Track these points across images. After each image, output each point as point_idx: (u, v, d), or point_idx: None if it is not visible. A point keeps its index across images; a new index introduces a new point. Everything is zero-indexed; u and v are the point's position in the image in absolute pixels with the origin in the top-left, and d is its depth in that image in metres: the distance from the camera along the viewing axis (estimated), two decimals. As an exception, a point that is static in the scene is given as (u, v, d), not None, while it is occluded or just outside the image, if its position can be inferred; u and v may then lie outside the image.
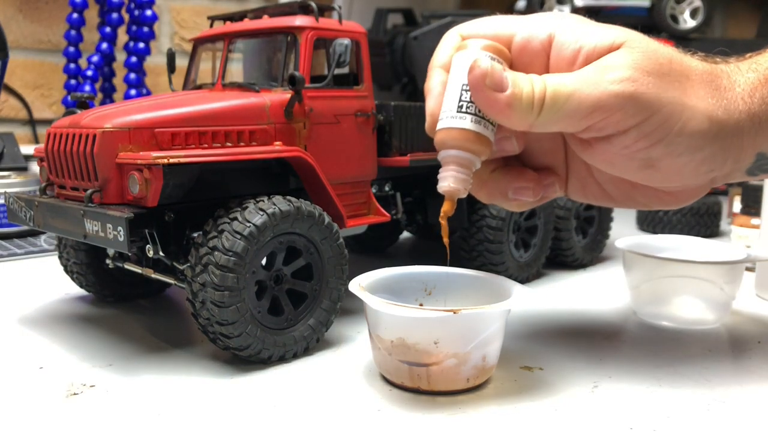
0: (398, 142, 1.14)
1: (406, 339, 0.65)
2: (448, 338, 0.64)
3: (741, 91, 0.69)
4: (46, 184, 1.02)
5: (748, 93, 0.69)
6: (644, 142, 0.67)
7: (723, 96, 0.69)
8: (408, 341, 0.65)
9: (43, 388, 0.80)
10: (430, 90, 0.77)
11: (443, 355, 0.64)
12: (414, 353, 0.65)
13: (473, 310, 0.64)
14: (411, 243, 1.67)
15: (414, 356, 0.66)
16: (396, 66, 1.55)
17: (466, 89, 0.66)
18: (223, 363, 0.88)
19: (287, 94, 1.00)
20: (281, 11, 1.12)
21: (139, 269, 1.02)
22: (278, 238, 0.87)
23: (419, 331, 0.65)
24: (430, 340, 0.64)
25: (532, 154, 0.82)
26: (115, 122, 0.89)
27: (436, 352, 0.64)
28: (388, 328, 0.67)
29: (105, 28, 2.11)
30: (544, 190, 0.80)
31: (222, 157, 0.90)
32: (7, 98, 2.30)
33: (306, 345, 0.91)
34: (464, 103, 0.67)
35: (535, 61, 0.71)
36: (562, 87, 0.66)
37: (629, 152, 0.69)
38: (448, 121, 0.68)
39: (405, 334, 0.65)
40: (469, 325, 0.64)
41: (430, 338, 0.64)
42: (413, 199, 1.30)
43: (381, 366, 0.72)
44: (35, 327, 1.03)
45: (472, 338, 0.64)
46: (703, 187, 0.78)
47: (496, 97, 0.64)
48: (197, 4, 2.60)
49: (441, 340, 0.64)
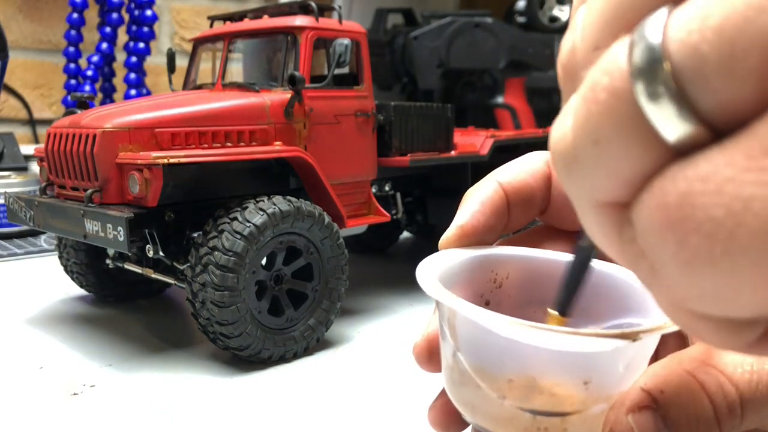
0: (398, 142, 1.14)
1: (539, 378, 0.41)
2: (607, 376, 0.41)
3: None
4: (46, 184, 1.02)
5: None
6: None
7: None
8: (541, 381, 0.41)
9: (43, 387, 0.80)
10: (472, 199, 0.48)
11: (592, 399, 0.41)
12: (547, 399, 0.41)
13: (655, 332, 0.38)
14: (411, 243, 1.67)
15: (546, 402, 0.41)
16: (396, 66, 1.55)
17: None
18: (223, 363, 0.88)
19: (287, 94, 1.00)
20: (281, 11, 1.12)
21: (139, 269, 1.02)
22: (278, 238, 0.87)
23: (564, 368, 0.41)
24: (579, 379, 0.41)
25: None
26: (115, 122, 0.89)
27: (582, 397, 0.41)
28: (510, 361, 0.42)
29: (105, 28, 2.11)
30: None
31: (222, 157, 0.90)
32: (7, 98, 2.30)
33: (306, 345, 0.91)
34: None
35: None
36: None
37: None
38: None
39: (538, 371, 0.41)
40: (642, 354, 0.41)
41: (580, 377, 0.41)
42: (413, 199, 1.30)
43: (475, 409, 0.44)
44: (35, 327, 1.03)
45: (636, 372, 0.40)
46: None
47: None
48: (197, 4, 2.60)
49: (595, 379, 0.40)
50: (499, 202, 0.41)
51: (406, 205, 1.27)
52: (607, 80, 0.17)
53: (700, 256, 0.17)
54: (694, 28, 0.16)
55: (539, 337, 0.36)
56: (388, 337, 0.98)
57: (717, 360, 0.36)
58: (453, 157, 1.22)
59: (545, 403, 0.41)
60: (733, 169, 0.16)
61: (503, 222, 0.42)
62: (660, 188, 0.17)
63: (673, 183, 0.17)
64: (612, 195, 0.18)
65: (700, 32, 0.15)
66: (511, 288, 0.49)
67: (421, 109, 1.18)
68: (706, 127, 0.16)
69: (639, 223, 0.18)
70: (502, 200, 0.41)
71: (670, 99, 0.16)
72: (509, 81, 1.57)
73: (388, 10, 1.71)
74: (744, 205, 0.15)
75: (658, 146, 0.17)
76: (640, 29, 0.17)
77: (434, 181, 1.29)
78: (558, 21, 1.79)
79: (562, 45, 0.20)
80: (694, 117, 0.16)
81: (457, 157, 1.23)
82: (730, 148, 0.16)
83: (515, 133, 1.44)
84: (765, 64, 0.15)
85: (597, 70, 0.18)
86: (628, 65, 0.17)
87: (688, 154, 0.17)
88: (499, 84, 1.57)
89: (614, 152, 0.18)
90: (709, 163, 0.16)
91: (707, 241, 0.16)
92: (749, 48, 0.15)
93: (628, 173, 0.18)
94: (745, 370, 0.36)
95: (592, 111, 0.18)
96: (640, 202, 0.18)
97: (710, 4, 0.15)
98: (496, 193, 0.41)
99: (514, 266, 0.48)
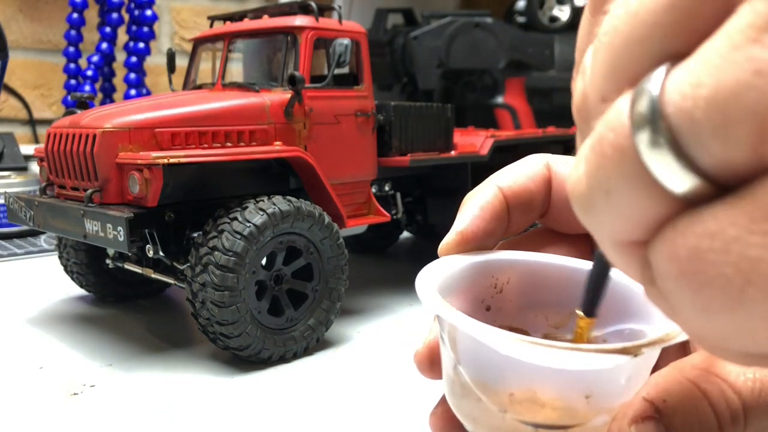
0: (398, 142, 1.14)
1: (540, 392, 0.41)
2: (608, 389, 0.40)
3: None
4: (46, 184, 1.02)
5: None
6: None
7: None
8: (542, 395, 0.41)
9: (43, 387, 0.80)
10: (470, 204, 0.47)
11: (594, 412, 0.41)
12: (549, 412, 0.41)
13: (657, 345, 0.38)
14: (411, 243, 1.67)
15: (547, 416, 0.41)
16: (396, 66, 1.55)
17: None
18: (223, 363, 0.88)
19: (287, 94, 1.00)
20: (281, 11, 1.12)
21: (139, 269, 1.02)
22: (278, 238, 0.87)
23: (565, 382, 0.41)
24: (581, 393, 0.40)
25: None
26: (115, 122, 0.89)
27: (584, 410, 0.40)
28: (510, 375, 0.41)
29: (105, 28, 2.11)
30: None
31: (222, 157, 0.90)
32: (7, 98, 2.30)
33: (306, 345, 0.91)
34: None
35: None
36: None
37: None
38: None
39: (539, 385, 0.41)
40: (644, 365, 0.40)
41: (581, 391, 0.40)
42: (413, 199, 1.30)
43: (477, 421, 0.43)
44: (35, 327, 1.03)
45: (638, 383, 0.40)
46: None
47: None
48: (197, 4, 2.60)
49: (597, 392, 0.40)
50: (499, 206, 0.40)
51: (406, 205, 1.27)
52: (612, 137, 0.18)
53: (716, 306, 0.17)
54: (687, 94, 0.16)
55: (540, 355, 0.35)
56: (387, 337, 0.98)
57: (719, 368, 0.36)
58: (453, 157, 1.22)
59: (547, 416, 0.41)
60: (737, 230, 0.16)
61: (503, 226, 0.41)
62: (671, 241, 0.18)
63: (683, 238, 0.17)
64: (629, 236, 0.19)
65: (693, 99, 0.16)
66: (512, 293, 0.48)
67: (421, 109, 1.18)
68: (709, 181, 0.17)
69: (656, 269, 0.18)
70: (502, 205, 0.40)
71: (671, 155, 0.17)
72: (509, 81, 1.57)
73: (388, 10, 1.71)
74: (751, 265, 0.16)
75: (666, 197, 0.17)
76: (640, 88, 0.17)
77: (434, 181, 1.29)
78: (558, 21, 1.79)
79: (575, 87, 0.21)
80: (696, 172, 0.17)
81: (457, 157, 1.23)
82: (733, 208, 0.16)
83: (515, 133, 1.44)
84: (757, 134, 0.15)
85: (603, 125, 0.18)
86: (630, 123, 0.17)
87: (696, 205, 0.17)
88: (499, 84, 1.57)
89: (625, 202, 0.18)
90: (715, 221, 0.17)
91: (720, 294, 0.17)
92: (741, 120, 0.15)
93: (642, 220, 0.18)
94: (748, 378, 0.36)
95: (601, 164, 0.18)
96: (655, 249, 0.18)
97: (702, 72, 0.16)
98: (496, 198, 0.40)
99: (515, 271, 0.48)
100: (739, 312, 0.17)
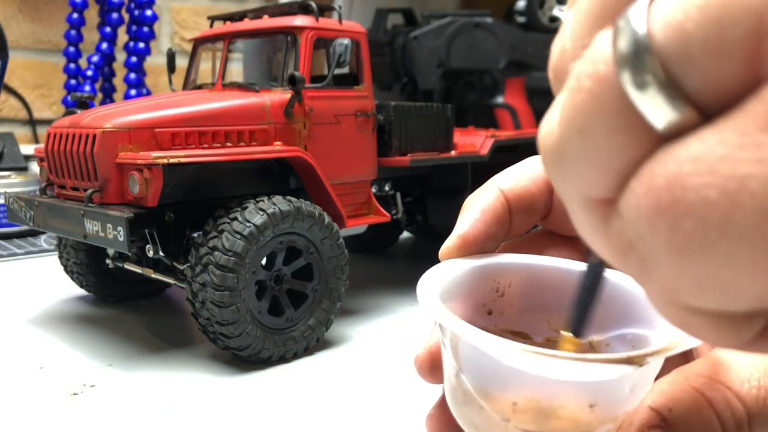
0: (398, 142, 1.14)
1: (543, 401, 0.40)
2: (613, 398, 0.39)
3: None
4: (46, 184, 1.02)
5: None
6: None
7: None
8: (545, 404, 0.40)
9: (43, 387, 0.80)
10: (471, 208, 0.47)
11: (598, 421, 0.40)
12: (553, 422, 0.40)
13: (662, 354, 0.37)
14: (411, 243, 1.67)
15: (551, 426, 0.41)
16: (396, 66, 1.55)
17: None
18: (223, 363, 0.88)
19: (287, 94, 1.01)
20: (281, 11, 1.12)
21: (139, 269, 1.02)
22: (278, 238, 0.87)
23: (569, 391, 0.40)
24: (585, 402, 0.39)
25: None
26: (115, 122, 0.89)
27: (588, 419, 0.40)
28: (513, 384, 0.40)
29: (105, 28, 2.11)
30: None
31: (222, 157, 0.90)
32: (7, 98, 2.30)
33: (306, 345, 0.91)
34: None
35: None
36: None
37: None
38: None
39: (543, 395, 0.40)
40: (648, 373, 0.40)
41: (585, 401, 0.39)
42: (413, 199, 1.30)
43: (479, 429, 0.42)
44: (35, 327, 1.03)
45: (643, 391, 0.39)
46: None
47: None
48: (197, 4, 2.60)
49: (601, 402, 0.39)
50: (501, 209, 0.40)
51: (406, 205, 1.27)
52: (591, 68, 0.17)
53: (694, 242, 0.15)
54: (677, 8, 0.15)
55: (544, 366, 0.34)
56: (387, 337, 0.98)
57: (724, 376, 0.35)
58: (453, 157, 1.22)
59: (551, 426, 0.40)
60: (726, 147, 0.15)
61: (504, 229, 0.41)
62: (648, 172, 0.16)
63: (663, 165, 0.16)
64: (599, 189, 0.18)
65: (684, 11, 0.15)
66: (514, 296, 0.47)
67: (421, 109, 1.18)
68: (696, 110, 0.15)
69: (627, 212, 0.17)
70: (504, 207, 0.40)
71: (657, 83, 0.16)
72: (509, 81, 1.57)
73: (388, 10, 1.71)
74: (739, 183, 0.14)
75: (646, 133, 0.16)
76: (623, 16, 0.16)
77: (434, 181, 1.29)
78: (558, 21, 1.79)
79: (552, 48, 0.19)
80: (683, 100, 0.15)
81: (457, 157, 1.23)
82: (722, 127, 0.15)
83: (515, 133, 1.44)
84: (751, 38, 0.14)
85: (582, 60, 0.17)
86: (613, 52, 0.16)
87: (678, 138, 0.16)
88: (499, 84, 1.57)
89: (600, 141, 0.17)
90: (701, 143, 0.15)
91: (701, 225, 0.15)
92: (735, 22, 0.14)
93: (615, 163, 0.17)
94: (752, 386, 0.35)
95: (578, 100, 0.17)
96: (628, 191, 0.17)
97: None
98: (498, 201, 0.39)
99: (517, 274, 0.47)
100: (720, 248, 0.15)
